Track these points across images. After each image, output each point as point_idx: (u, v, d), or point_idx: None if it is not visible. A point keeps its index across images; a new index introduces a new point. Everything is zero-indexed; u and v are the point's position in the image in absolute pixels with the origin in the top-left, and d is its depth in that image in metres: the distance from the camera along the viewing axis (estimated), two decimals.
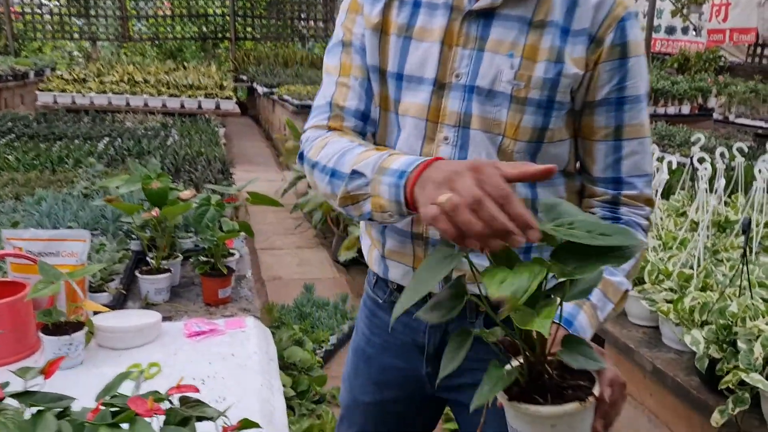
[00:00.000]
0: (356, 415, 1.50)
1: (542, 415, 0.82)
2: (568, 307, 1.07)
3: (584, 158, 1.23)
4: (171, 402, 1.14)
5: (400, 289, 1.35)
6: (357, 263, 4.72)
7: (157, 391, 1.10)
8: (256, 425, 1.12)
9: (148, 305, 2.08)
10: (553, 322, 0.84)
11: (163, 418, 1.09)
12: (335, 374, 3.28)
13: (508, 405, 0.85)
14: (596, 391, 0.84)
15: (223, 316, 2.07)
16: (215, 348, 1.83)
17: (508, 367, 0.88)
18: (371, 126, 1.29)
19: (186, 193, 2.21)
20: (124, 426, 1.02)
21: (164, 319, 2.00)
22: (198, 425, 1.16)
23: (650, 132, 1.23)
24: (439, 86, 1.19)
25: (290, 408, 2.64)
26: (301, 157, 1.29)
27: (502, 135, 1.17)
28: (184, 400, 1.16)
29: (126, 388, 1.16)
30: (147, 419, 1.03)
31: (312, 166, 1.23)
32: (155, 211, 2.11)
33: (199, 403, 1.16)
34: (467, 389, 1.29)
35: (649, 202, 1.21)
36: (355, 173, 1.09)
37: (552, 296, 0.84)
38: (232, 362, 1.75)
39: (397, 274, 1.32)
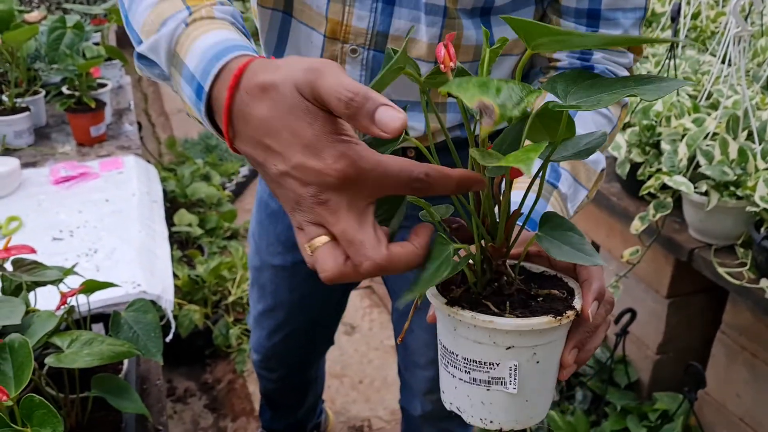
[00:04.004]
0: (266, 279, 1.27)
1: (498, 329, 0.53)
2: (531, 197, 0.78)
3: None
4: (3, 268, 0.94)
5: None
6: None
7: None
8: (106, 285, 0.93)
9: (8, 151, 1.80)
10: (527, 220, 0.59)
11: None
12: (249, 207, 3.11)
13: (446, 311, 0.56)
14: (577, 304, 0.57)
15: (98, 157, 1.82)
16: (87, 194, 1.60)
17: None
18: None
19: (33, 15, 1.86)
20: None
21: (28, 165, 1.75)
22: (42, 291, 0.98)
23: None
24: None
25: (200, 248, 2.48)
26: None
27: None
28: (17, 264, 0.96)
29: None
30: None
31: None
32: None
33: (36, 265, 0.96)
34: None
35: (636, 49, 0.89)
36: (143, 58, 0.69)
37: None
38: (106, 209, 1.54)
39: None
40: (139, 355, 0.93)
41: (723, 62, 1.69)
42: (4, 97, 1.86)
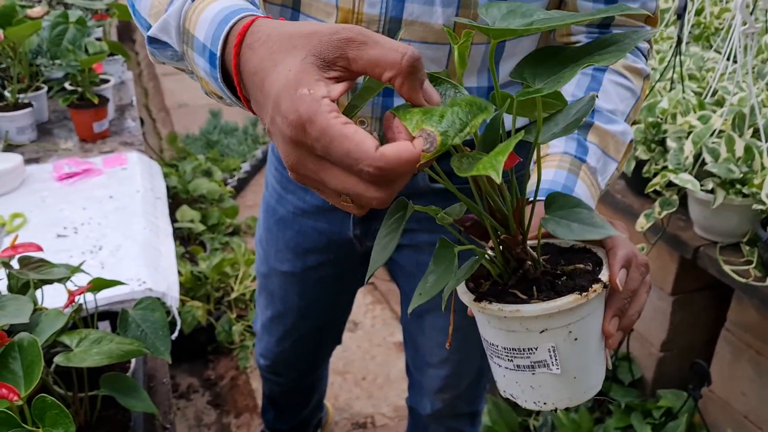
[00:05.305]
0: (275, 285, 1.26)
1: (524, 317, 0.54)
2: (561, 174, 0.75)
3: None
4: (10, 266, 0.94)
5: None
6: None
7: None
8: (114, 283, 0.93)
9: (10, 147, 1.80)
10: (536, 200, 0.59)
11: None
12: (251, 203, 3.11)
13: (476, 309, 0.57)
14: (604, 276, 0.57)
15: (101, 153, 1.81)
16: (91, 191, 1.59)
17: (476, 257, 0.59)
18: None
19: (36, 11, 1.85)
20: None
21: (31, 161, 1.74)
22: (47, 289, 0.97)
23: None
24: None
25: (202, 244, 2.48)
26: None
27: None
28: (24, 262, 0.95)
29: None
30: None
31: None
32: None
33: (42, 263, 0.95)
34: (405, 250, 1.09)
35: (652, 21, 0.89)
36: (154, 42, 0.68)
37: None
38: (110, 205, 1.53)
39: None
40: (146, 354, 0.92)
41: (728, 59, 1.68)
42: (7, 93, 1.85)
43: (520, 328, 0.55)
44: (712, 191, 1.47)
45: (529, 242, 0.59)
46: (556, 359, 0.55)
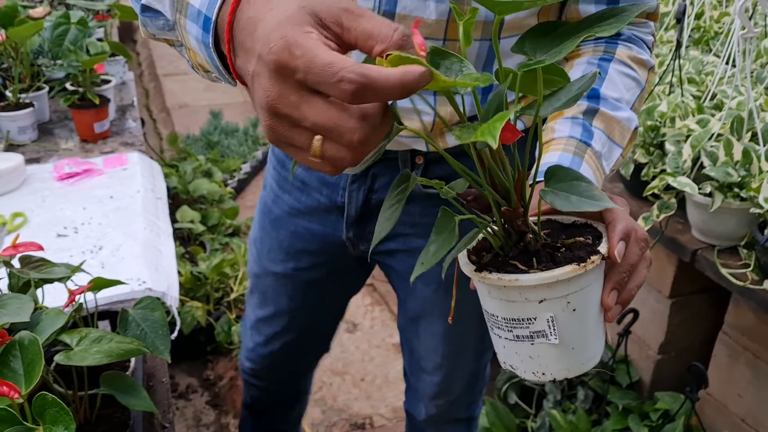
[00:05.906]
0: (267, 286, 1.26)
1: (525, 286, 0.55)
2: (566, 157, 0.77)
3: None
4: (11, 265, 0.94)
5: None
6: None
7: None
8: (114, 283, 0.93)
9: (11, 146, 1.80)
10: (536, 177, 0.60)
11: None
12: (251, 204, 3.12)
13: (476, 279, 0.58)
14: (602, 248, 0.58)
15: (102, 153, 1.81)
16: (91, 191, 1.60)
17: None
18: None
19: (38, 11, 1.85)
20: None
21: (32, 161, 1.75)
22: (48, 288, 0.98)
23: None
24: None
25: (201, 244, 2.48)
26: None
27: None
28: (25, 261, 0.96)
29: None
30: None
31: None
32: (0, 35, 1.76)
33: (43, 262, 0.96)
34: (399, 254, 1.10)
35: (654, 16, 0.92)
36: (147, 11, 0.70)
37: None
38: (110, 205, 1.54)
39: None
40: (146, 353, 0.93)
41: (727, 63, 1.69)
42: (8, 93, 1.86)
43: (519, 298, 0.56)
44: (710, 195, 1.47)
45: (531, 218, 0.60)
46: (554, 329, 0.56)
